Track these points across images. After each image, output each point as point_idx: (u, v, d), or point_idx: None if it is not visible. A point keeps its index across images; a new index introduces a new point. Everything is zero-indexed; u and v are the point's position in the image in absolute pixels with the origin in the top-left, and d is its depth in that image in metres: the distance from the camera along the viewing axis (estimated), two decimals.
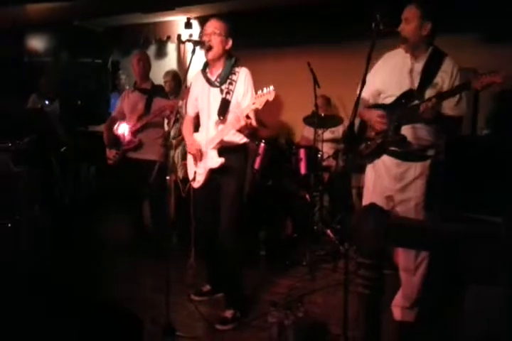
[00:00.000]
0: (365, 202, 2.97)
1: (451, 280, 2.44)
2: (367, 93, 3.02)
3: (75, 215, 4.99)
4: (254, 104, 2.72)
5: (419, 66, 2.80)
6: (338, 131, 5.33)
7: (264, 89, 2.68)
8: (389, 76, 2.84)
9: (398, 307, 3.04)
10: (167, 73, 5.21)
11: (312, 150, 4.66)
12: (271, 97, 2.66)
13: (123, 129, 4.32)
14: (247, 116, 2.78)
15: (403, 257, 2.94)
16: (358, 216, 2.18)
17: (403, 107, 2.76)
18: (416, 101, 2.70)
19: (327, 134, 5.13)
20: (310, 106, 4.68)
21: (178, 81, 5.07)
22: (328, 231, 4.60)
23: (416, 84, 2.78)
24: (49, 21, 6.28)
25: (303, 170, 4.61)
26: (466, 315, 1.95)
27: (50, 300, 3.05)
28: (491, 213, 2.88)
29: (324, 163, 4.97)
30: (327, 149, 5.13)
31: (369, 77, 3.03)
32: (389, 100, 2.87)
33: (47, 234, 4.18)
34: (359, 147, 2.99)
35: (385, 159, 2.90)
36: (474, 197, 3.36)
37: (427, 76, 2.75)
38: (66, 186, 5.09)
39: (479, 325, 1.93)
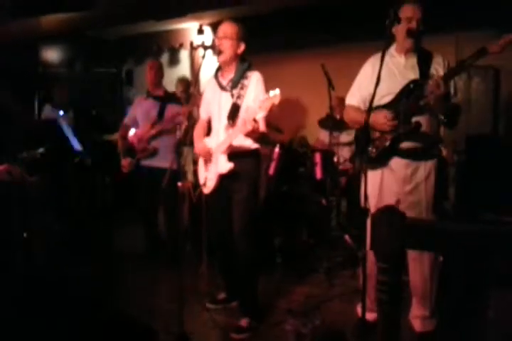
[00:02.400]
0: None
1: (472, 286, 2.35)
2: (357, 100, 2.97)
3: (89, 225, 4.98)
4: (260, 108, 2.66)
5: (413, 61, 2.82)
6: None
7: (271, 92, 2.62)
8: (387, 75, 2.72)
9: (417, 319, 2.92)
10: (181, 81, 5.21)
11: (328, 154, 4.58)
12: (276, 101, 2.60)
13: (135, 136, 4.31)
14: (255, 120, 2.72)
15: (411, 264, 2.84)
16: (373, 219, 2.10)
17: (409, 97, 2.73)
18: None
19: (344, 137, 5.02)
20: (325, 109, 4.61)
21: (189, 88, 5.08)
22: (346, 237, 4.50)
23: (416, 76, 2.77)
24: (63, 32, 6.35)
25: (318, 174, 4.53)
26: (489, 323, 1.85)
27: (65, 311, 3.03)
28: None
29: (341, 167, 4.88)
30: (344, 152, 5.02)
31: (359, 83, 2.98)
32: (387, 99, 2.81)
33: (61, 244, 4.17)
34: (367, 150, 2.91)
35: (392, 162, 2.82)
36: (497, 198, 3.25)
37: (423, 68, 2.78)
38: (81, 196, 5.08)
39: (503, 333, 1.83)
